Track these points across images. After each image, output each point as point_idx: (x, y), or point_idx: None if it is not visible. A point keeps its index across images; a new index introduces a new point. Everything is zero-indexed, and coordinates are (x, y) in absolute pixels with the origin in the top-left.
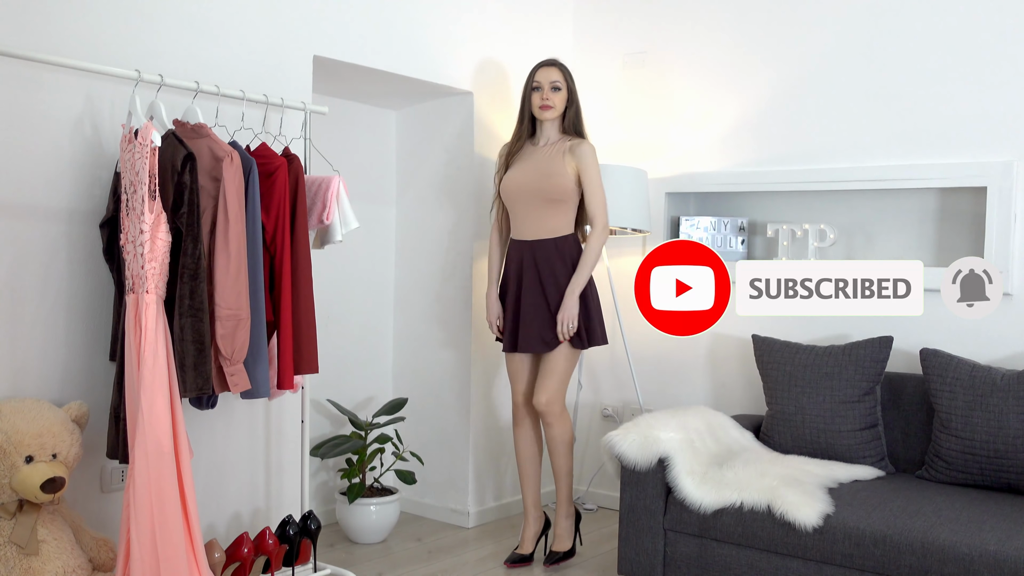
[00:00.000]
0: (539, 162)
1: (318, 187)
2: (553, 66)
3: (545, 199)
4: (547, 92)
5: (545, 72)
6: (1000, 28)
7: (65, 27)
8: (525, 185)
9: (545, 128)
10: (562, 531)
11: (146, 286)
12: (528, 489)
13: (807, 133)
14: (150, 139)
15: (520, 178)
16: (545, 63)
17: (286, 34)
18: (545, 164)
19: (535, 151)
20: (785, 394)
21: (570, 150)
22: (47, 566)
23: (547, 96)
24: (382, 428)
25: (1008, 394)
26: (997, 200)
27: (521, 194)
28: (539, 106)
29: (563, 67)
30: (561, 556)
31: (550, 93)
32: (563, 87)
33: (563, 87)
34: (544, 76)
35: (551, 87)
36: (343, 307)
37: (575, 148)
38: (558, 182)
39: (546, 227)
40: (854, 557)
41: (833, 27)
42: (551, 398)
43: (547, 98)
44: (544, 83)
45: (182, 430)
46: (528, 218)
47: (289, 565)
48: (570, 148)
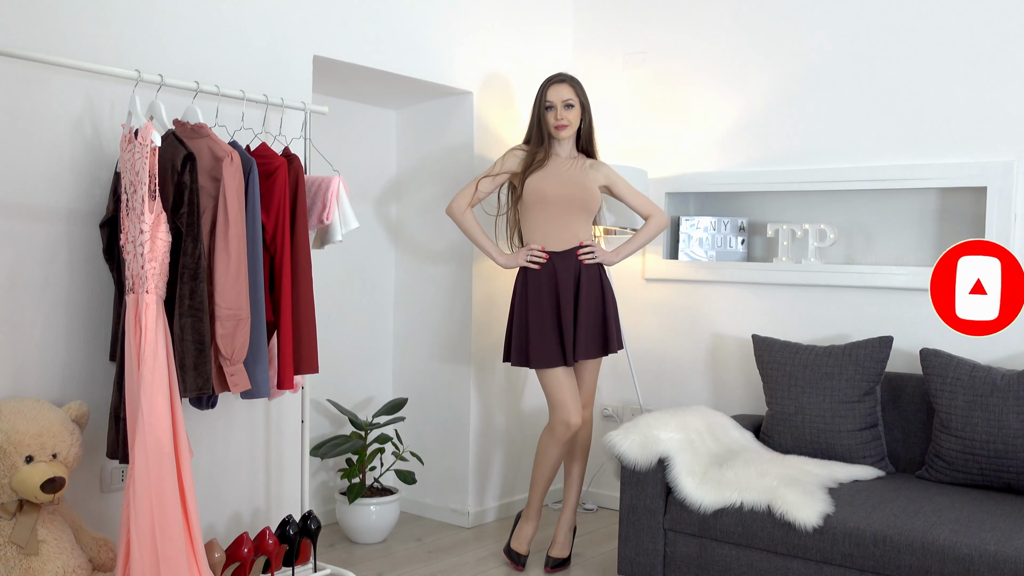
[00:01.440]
0: (570, 172)
1: (318, 187)
2: (563, 82)
3: (581, 207)
4: (561, 111)
5: (556, 90)
6: (1000, 28)
7: (65, 27)
8: (562, 191)
9: (563, 144)
10: (563, 539)
11: (146, 286)
12: (543, 492)
13: (807, 133)
14: (150, 139)
15: (555, 184)
16: (555, 80)
17: (286, 34)
18: (578, 175)
19: (560, 162)
20: (785, 394)
21: (592, 168)
22: (47, 566)
23: (561, 116)
24: (382, 428)
25: (1008, 394)
26: (997, 200)
27: (557, 199)
28: (555, 126)
29: (574, 81)
30: (562, 562)
31: (564, 112)
32: (576, 103)
33: (576, 103)
34: (556, 95)
35: (564, 105)
36: (343, 307)
37: (598, 168)
38: (595, 194)
39: (573, 234)
40: (854, 557)
41: (833, 27)
42: (590, 409)
43: (561, 117)
44: (557, 102)
45: (182, 430)
46: (555, 224)
47: (289, 565)
48: (591, 167)
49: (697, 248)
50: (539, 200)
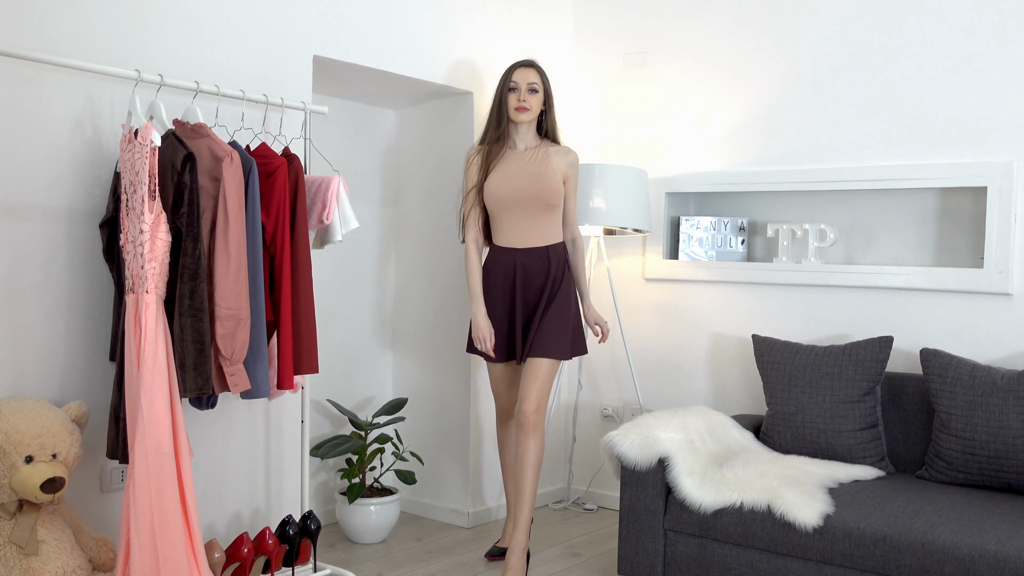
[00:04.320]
0: (527, 166)
1: (318, 187)
2: (531, 67)
3: (542, 204)
4: (524, 93)
5: (523, 73)
6: (1000, 28)
7: (65, 27)
8: (519, 190)
9: (521, 131)
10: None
11: (146, 286)
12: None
13: (807, 133)
14: (150, 139)
15: (511, 183)
16: (522, 63)
17: (286, 34)
18: (537, 168)
19: (517, 155)
20: (785, 394)
21: (556, 154)
22: (47, 566)
23: (524, 98)
24: (382, 428)
25: (1008, 394)
26: (997, 200)
27: (514, 200)
28: (515, 107)
29: (540, 69)
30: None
31: (527, 95)
32: (540, 89)
33: (540, 89)
34: (521, 77)
35: (528, 88)
36: (343, 307)
37: (565, 154)
38: (554, 186)
39: (541, 234)
40: (854, 557)
41: (833, 27)
42: (540, 406)
43: (524, 99)
44: (521, 84)
45: (182, 430)
46: (520, 225)
47: (289, 565)
48: (555, 152)
49: (697, 248)
50: (497, 203)
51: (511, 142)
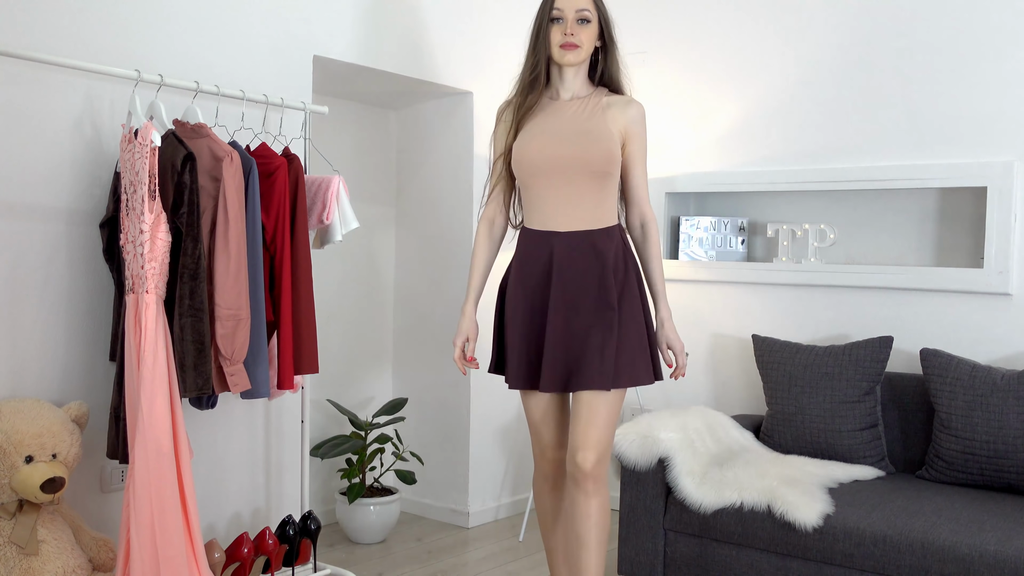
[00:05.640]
0: (572, 121)
1: (318, 187)
2: None
3: (589, 173)
4: (571, 25)
5: None
6: (1000, 28)
7: (65, 27)
8: (557, 153)
9: (567, 77)
10: None
11: (146, 286)
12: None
13: (807, 133)
14: (150, 139)
15: (549, 144)
16: None
17: (286, 34)
18: (586, 123)
19: (560, 107)
20: (785, 394)
21: (614, 106)
22: (47, 566)
23: (571, 31)
24: (382, 428)
25: (1008, 394)
26: (997, 200)
27: (551, 166)
28: (560, 44)
29: None
30: None
31: (576, 27)
32: (593, 18)
33: (593, 18)
34: (567, 3)
35: (577, 18)
36: (343, 307)
37: (625, 106)
38: (606, 147)
39: (588, 214)
40: (854, 557)
41: (833, 27)
42: (601, 456)
43: (571, 33)
44: (568, 11)
45: (182, 430)
46: (559, 201)
47: (289, 565)
48: (613, 104)
49: (697, 248)
50: (529, 171)
51: (552, 91)
